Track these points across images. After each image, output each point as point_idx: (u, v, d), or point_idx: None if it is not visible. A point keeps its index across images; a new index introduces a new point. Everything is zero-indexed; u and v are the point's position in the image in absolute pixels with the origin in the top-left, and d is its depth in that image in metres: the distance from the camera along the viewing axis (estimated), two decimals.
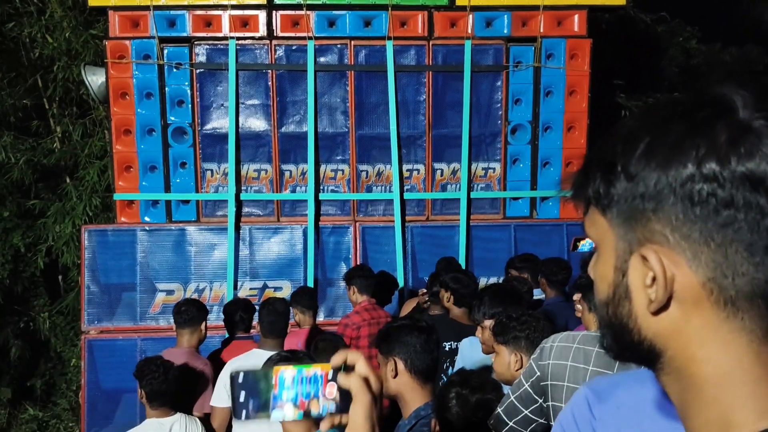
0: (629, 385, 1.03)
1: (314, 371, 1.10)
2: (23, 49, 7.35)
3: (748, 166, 0.61)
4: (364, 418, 1.08)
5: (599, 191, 0.70)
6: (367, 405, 1.09)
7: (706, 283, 0.64)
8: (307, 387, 1.09)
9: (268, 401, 1.08)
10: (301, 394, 1.09)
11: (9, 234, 7.18)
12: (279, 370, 1.09)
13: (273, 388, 1.09)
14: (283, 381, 1.09)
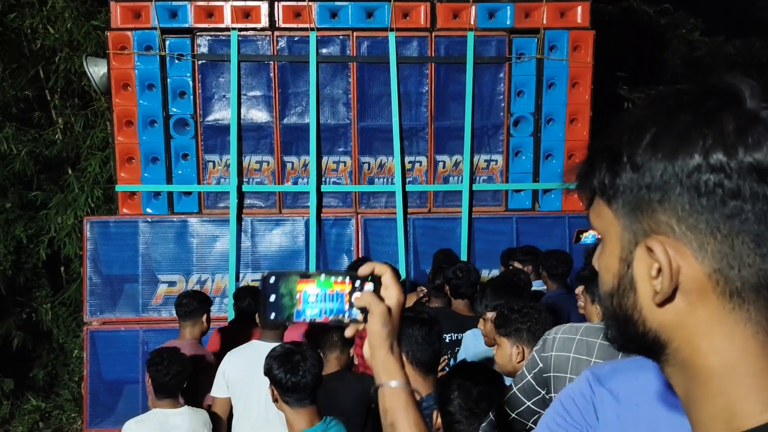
0: (630, 371, 1.03)
1: (336, 289, 1.16)
2: (25, 40, 7.33)
3: (755, 156, 0.60)
4: (381, 325, 1.15)
5: (604, 182, 0.69)
6: (382, 314, 1.15)
7: (712, 275, 0.63)
8: (330, 304, 1.16)
9: (291, 316, 1.16)
10: (324, 311, 1.16)
11: (11, 225, 7.18)
12: (303, 288, 1.16)
13: (297, 304, 1.16)
14: (306, 298, 1.16)
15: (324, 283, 1.17)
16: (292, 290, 1.16)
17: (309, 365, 2.72)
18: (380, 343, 1.16)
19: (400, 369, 1.17)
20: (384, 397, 1.16)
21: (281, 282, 1.17)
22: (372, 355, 1.18)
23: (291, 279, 1.17)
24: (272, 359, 2.76)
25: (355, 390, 3.59)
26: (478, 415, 1.98)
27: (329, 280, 1.17)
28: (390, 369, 1.16)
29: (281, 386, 2.69)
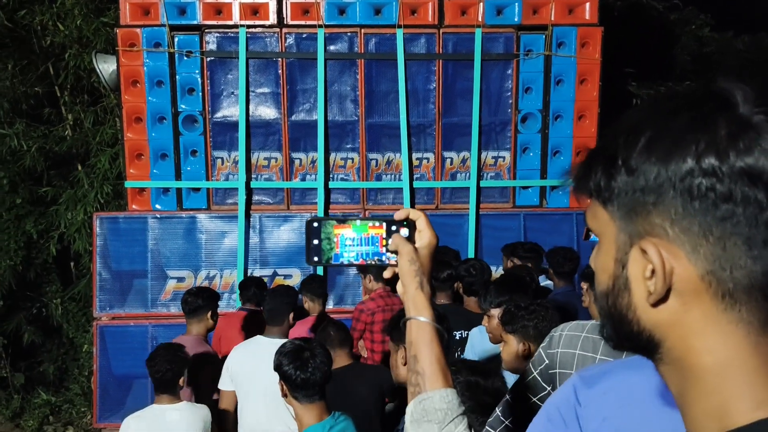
0: (618, 372, 1.05)
1: (371, 233, 1.25)
2: (35, 37, 7.37)
3: (746, 161, 0.62)
4: (409, 263, 1.24)
5: (600, 184, 0.71)
6: (409, 254, 1.24)
7: (704, 276, 0.65)
8: (366, 247, 1.26)
9: (330, 259, 1.25)
10: (360, 254, 1.26)
11: (21, 221, 7.23)
12: (340, 232, 1.24)
13: (335, 248, 1.24)
14: (344, 241, 1.24)
15: (360, 227, 1.25)
16: (330, 234, 1.24)
17: (318, 362, 2.75)
18: (409, 280, 1.24)
19: (428, 305, 1.24)
20: (411, 330, 1.24)
21: (322, 227, 1.25)
22: (404, 292, 1.26)
23: (329, 224, 1.25)
24: (282, 355, 2.79)
25: (370, 380, 3.63)
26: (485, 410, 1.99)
27: (365, 225, 1.26)
28: (419, 305, 1.23)
29: (291, 382, 2.72)
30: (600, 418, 1.03)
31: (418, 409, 1.18)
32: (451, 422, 1.16)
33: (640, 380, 0.99)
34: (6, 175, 7.12)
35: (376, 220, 1.27)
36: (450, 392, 1.19)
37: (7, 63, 7.23)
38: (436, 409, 1.16)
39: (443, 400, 1.17)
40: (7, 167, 7.11)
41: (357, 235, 1.25)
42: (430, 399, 1.17)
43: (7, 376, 7.51)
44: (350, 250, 1.25)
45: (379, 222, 1.26)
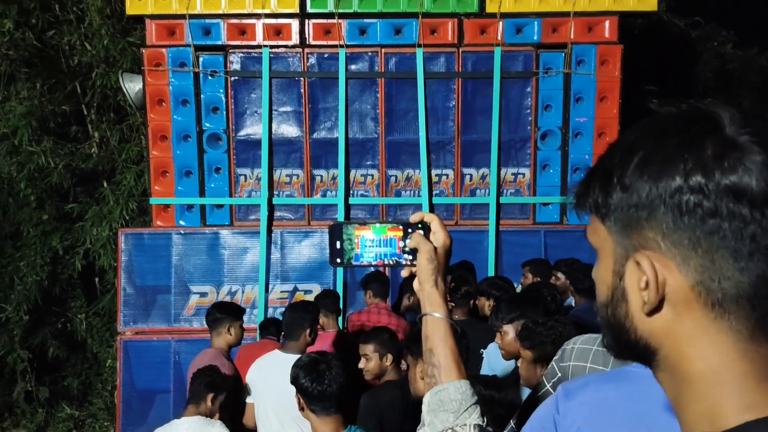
0: (596, 385, 1.11)
1: (390, 234, 1.33)
2: (63, 57, 7.53)
3: (731, 178, 0.66)
4: (427, 261, 1.32)
5: (598, 201, 0.75)
6: (428, 251, 1.32)
7: (695, 286, 0.69)
8: (384, 248, 1.34)
9: (351, 259, 1.34)
10: (379, 255, 1.34)
11: (48, 237, 7.35)
12: (360, 234, 1.33)
13: (355, 248, 1.33)
14: (364, 242, 1.33)
15: (379, 229, 1.34)
16: (351, 236, 1.33)
17: (334, 374, 2.78)
18: (426, 277, 1.32)
19: (443, 302, 1.32)
20: (427, 325, 1.32)
21: (344, 230, 1.33)
22: (420, 288, 1.34)
23: (351, 226, 1.34)
24: (299, 368, 2.82)
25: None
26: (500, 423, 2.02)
27: (384, 227, 1.34)
28: (434, 301, 1.32)
29: (307, 395, 2.75)
30: (575, 427, 1.08)
31: (434, 400, 1.26)
32: (465, 411, 1.23)
33: (614, 393, 1.05)
34: (33, 191, 7.25)
35: (395, 222, 1.35)
36: (464, 383, 1.27)
37: (36, 82, 7.40)
38: (451, 399, 1.25)
39: (458, 391, 1.25)
40: (35, 184, 7.25)
41: (376, 236, 1.33)
42: (446, 390, 1.26)
43: (31, 390, 7.61)
44: (370, 250, 1.33)
45: (397, 224, 1.34)
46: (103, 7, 7.10)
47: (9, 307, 7.23)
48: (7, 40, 6.87)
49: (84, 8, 7.25)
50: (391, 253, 1.34)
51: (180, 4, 5.87)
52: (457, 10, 5.94)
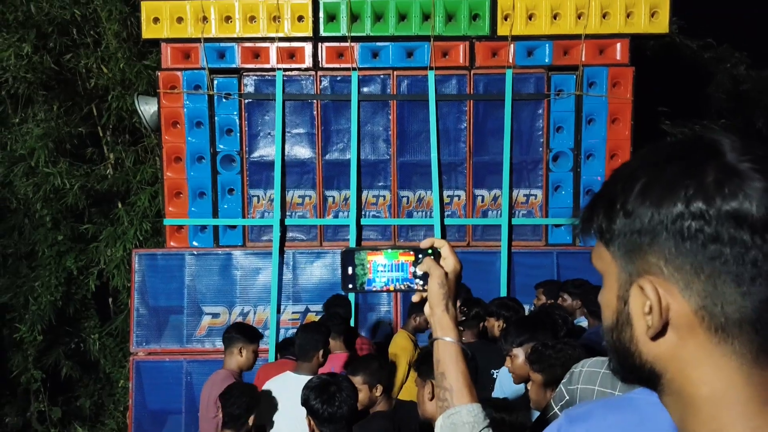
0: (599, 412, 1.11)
1: (401, 259, 1.35)
2: (79, 79, 7.65)
3: (731, 204, 0.67)
4: (438, 286, 1.35)
5: (602, 226, 0.77)
6: (440, 277, 1.35)
7: (698, 311, 0.70)
8: (396, 273, 1.35)
9: (363, 284, 1.36)
10: (390, 280, 1.35)
11: (63, 257, 7.42)
12: (372, 259, 1.35)
13: (368, 273, 1.35)
14: (376, 267, 1.34)
15: (391, 255, 1.36)
16: (363, 261, 1.35)
17: (345, 396, 2.78)
18: (437, 302, 1.35)
19: (453, 326, 1.35)
20: (438, 349, 1.35)
21: (356, 255, 1.35)
22: (431, 313, 1.36)
23: (363, 252, 1.36)
24: (309, 390, 2.82)
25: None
26: None
27: (395, 253, 1.36)
28: (444, 325, 1.34)
29: (317, 416, 2.75)
30: None
31: (447, 423, 1.28)
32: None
33: (618, 420, 1.05)
34: (49, 212, 7.33)
35: (406, 247, 1.37)
36: (476, 406, 1.28)
37: (53, 104, 7.51)
38: (464, 422, 1.26)
39: (470, 414, 1.27)
40: (50, 205, 7.33)
41: (388, 261, 1.35)
42: (458, 413, 1.27)
43: (44, 410, 7.63)
44: (382, 275, 1.35)
45: (409, 250, 1.36)
46: (119, 31, 7.22)
47: (23, 327, 7.28)
48: (25, 63, 6.99)
49: (101, 32, 7.37)
50: (402, 278, 1.35)
51: (195, 28, 5.96)
52: (468, 33, 5.98)
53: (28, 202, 7.42)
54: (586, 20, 5.90)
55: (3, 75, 7.04)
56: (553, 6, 5.93)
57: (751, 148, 0.70)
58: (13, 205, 7.61)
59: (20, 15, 7.02)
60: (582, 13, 5.91)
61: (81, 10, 7.16)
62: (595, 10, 5.91)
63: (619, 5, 5.91)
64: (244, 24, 5.99)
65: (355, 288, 1.35)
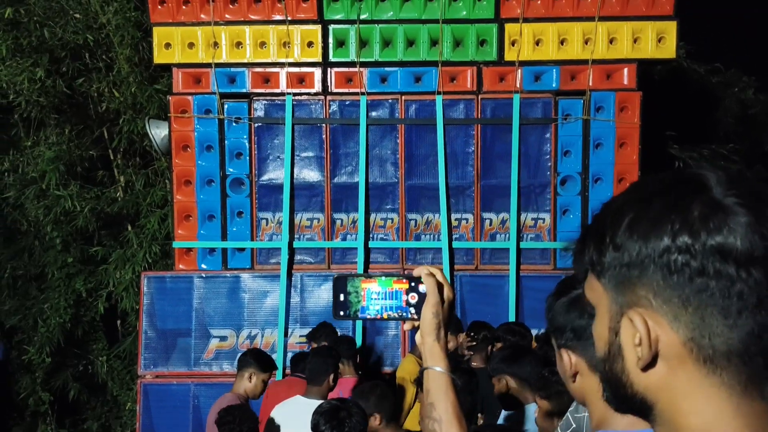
0: None
1: (395, 287, 1.33)
2: (91, 103, 7.74)
3: (716, 239, 0.68)
4: (432, 315, 1.32)
5: (593, 259, 0.78)
6: (435, 306, 1.32)
7: (686, 343, 0.71)
8: (390, 301, 1.33)
9: (357, 312, 1.34)
10: (384, 308, 1.34)
11: (72, 279, 7.45)
12: (366, 286, 1.33)
13: (361, 300, 1.33)
14: (369, 295, 1.33)
15: (385, 282, 1.34)
16: (357, 288, 1.33)
17: (354, 422, 2.78)
18: (429, 330, 1.32)
19: (444, 356, 1.34)
20: (428, 379, 1.34)
21: (349, 282, 1.34)
22: (422, 341, 1.34)
23: (357, 279, 1.34)
24: (319, 415, 2.82)
25: None
26: None
27: (389, 280, 1.34)
28: (435, 355, 1.33)
29: None
30: None
31: None
32: None
33: None
34: (59, 234, 7.38)
35: (400, 276, 1.35)
36: None
37: (65, 128, 7.60)
38: None
39: None
40: (61, 227, 7.38)
41: (382, 289, 1.33)
42: None
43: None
44: (375, 303, 1.33)
45: (403, 278, 1.34)
46: (131, 56, 7.31)
47: (32, 349, 7.29)
48: (38, 87, 7.09)
49: (113, 57, 7.47)
50: (396, 306, 1.34)
51: (206, 53, 6.04)
52: (476, 59, 6.03)
53: (38, 224, 7.47)
54: (593, 45, 5.94)
55: (16, 99, 7.13)
56: (560, 31, 5.98)
57: (737, 182, 0.71)
58: (23, 228, 7.67)
59: (34, 40, 7.13)
60: (589, 39, 5.96)
61: (94, 35, 7.27)
62: (602, 35, 5.95)
63: (626, 30, 5.96)
64: (255, 49, 6.07)
65: (347, 315, 1.34)
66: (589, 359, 1.32)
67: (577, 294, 1.37)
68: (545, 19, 5.99)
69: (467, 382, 2.43)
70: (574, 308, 1.36)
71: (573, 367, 1.33)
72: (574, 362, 1.33)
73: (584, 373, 1.32)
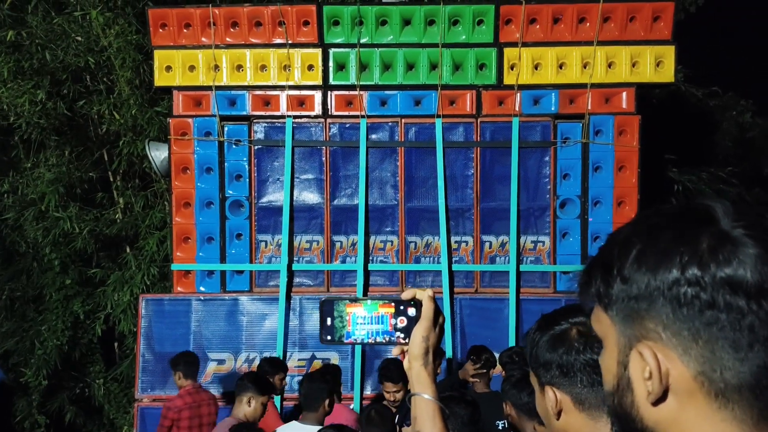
0: None
1: (381, 311, 1.29)
2: (91, 125, 7.77)
3: (726, 271, 0.67)
4: (422, 338, 1.29)
5: (600, 291, 0.77)
6: (426, 329, 1.29)
7: (697, 377, 0.70)
8: (376, 326, 1.30)
9: (342, 336, 1.30)
10: (371, 333, 1.30)
11: (70, 301, 7.42)
12: (352, 311, 1.29)
13: (347, 325, 1.29)
14: (355, 320, 1.29)
15: (371, 306, 1.30)
16: (342, 313, 1.30)
17: None
18: (417, 355, 1.29)
19: (431, 383, 1.30)
20: (416, 406, 1.31)
21: (335, 306, 1.30)
22: (409, 366, 1.31)
23: (342, 303, 1.31)
24: None
25: None
26: None
27: (375, 304, 1.31)
28: (422, 381, 1.30)
29: None
30: None
31: None
32: None
33: None
34: (58, 256, 7.37)
35: (386, 299, 1.32)
36: None
37: (65, 150, 7.62)
38: None
39: None
40: (59, 249, 7.37)
41: (368, 313, 1.30)
42: None
43: None
44: (361, 328, 1.30)
45: (389, 301, 1.31)
46: (132, 78, 7.35)
47: (29, 372, 7.24)
48: (39, 109, 7.11)
49: (114, 79, 7.51)
50: (382, 330, 1.30)
51: (207, 76, 6.07)
52: (475, 82, 6.07)
53: (37, 246, 7.46)
54: (592, 69, 5.98)
55: (17, 120, 7.16)
56: (559, 56, 6.02)
57: (744, 214, 0.71)
58: (22, 249, 7.66)
59: (35, 62, 7.17)
60: (588, 63, 6.00)
61: (95, 57, 7.31)
62: (601, 59, 5.99)
63: (624, 55, 6.00)
64: (255, 72, 6.10)
65: (333, 339, 1.30)
66: (574, 396, 1.29)
67: (561, 329, 1.34)
68: (544, 44, 6.03)
69: (472, 414, 2.41)
70: (560, 344, 1.33)
71: (558, 404, 1.31)
72: (560, 399, 1.31)
73: (569, 410, 1.29)
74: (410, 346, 1.29)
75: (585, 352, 1.28)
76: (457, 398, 2.47)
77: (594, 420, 1.22)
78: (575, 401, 1.28)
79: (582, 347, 1.28)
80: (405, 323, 1.30)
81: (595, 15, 5.95)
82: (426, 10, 6.00)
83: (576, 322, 1.33)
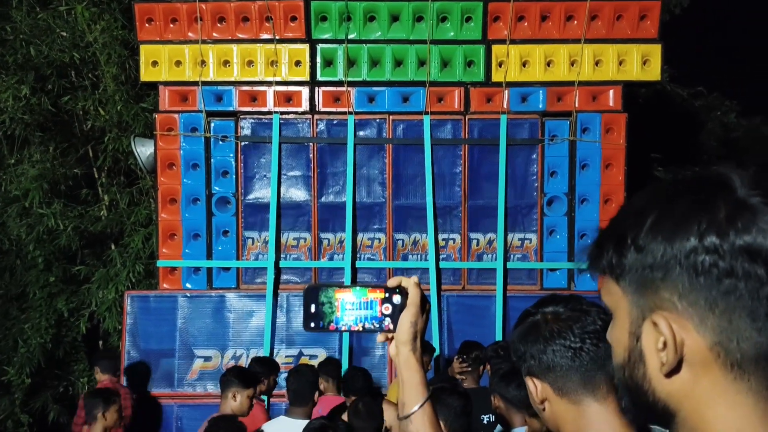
0: None
1: (370, 297, 1.28)
2: (76, 121, 7.69)
3: (745, 239, 0.66)
4: (410, 323, 1.28)
5: (612, 262, 0.76)
6: (414, 315, 1.28)
7: (713, 347, 0.68)
8: (365, 312, 1.29)
9: (330, 322, 1.28)
10: (359, 319, 1.29)
11: (54, 299, 7.35)
12: (340, 297, 1.28)
13: (336, 311, 1.28)
14: (344, 306, 1.28)
15: (359, 292, 1.29)
16: (331, 298, 1.28)
17: None
18: (406, 340, 1.28)
19: (419, 368, 1.30)
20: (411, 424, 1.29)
21: (321, 292, 1.28)
22: (397, 352, 1.30)
23: (331, 289, 1.29)
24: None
25: None
26: None
27: (364, 290, 1.29)
28: (411, 366, 1.29)
29: None
30: None
31: None
32: None
33: None
34: (42, 253, 7.29)
35: (374, 285, 1.31)
36: None
37: (49, 146, 7.54)
38: None
39: None
40: (43, 246, 7.29)
41: (357, 299, 1.29)
42: None
43: None
44: (350, 314, 1.28)
45: (378, 286, 1.30)
46: (118, 74, 7.29)
47: (11, 370, 7.16)
48: (23, 104, 7.04)
49: (99, 75, 7.44)
50: (371, 316, 1.29)
51: (193, 71, 6.02)
52: (463, 79, 6.06)
53: (20, 243, 7.38)
54: (579, 67, 6.00)
55: (0, 116, 7.07)
56: (547, 53, 6.03)
57: (760, 182, 0.70)
58: (5, 246, 7.57)
59: (20, 57, 7.09)
60: (575, 61, 6.01)
61: (80, 53, 7.25)
62: (588, 57, 6.01)
63: (611, 53, 6.02)
64: (242, 68, 6.06)
65: (318, 327, 1.28)
66: (552, 383, 1.29)
67: (532, 321, 1.35)
68: (532, 41, 6.04)
69: (464, 405, 2.41)
70: (532, 334, 1.33)
71: (540, 393, 1.30)
72: (540, 389, 1.30)
73: (551, 399, 1.29)
74: (398, 332, 1.29)
75: (554, 338, 1.28)
76: (449, 389, 2.47)
77: (576, 404, 1.23)
78: (554, 389, 1.29)
79: (550, 335, 1.29)
80: (390, 310, 1.29)
81: (582, 13, 5.96)
82: (414, 7, 5.99)
83: (546, 311, 1.34)
